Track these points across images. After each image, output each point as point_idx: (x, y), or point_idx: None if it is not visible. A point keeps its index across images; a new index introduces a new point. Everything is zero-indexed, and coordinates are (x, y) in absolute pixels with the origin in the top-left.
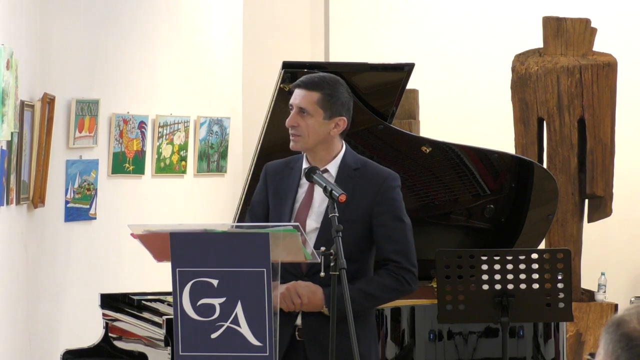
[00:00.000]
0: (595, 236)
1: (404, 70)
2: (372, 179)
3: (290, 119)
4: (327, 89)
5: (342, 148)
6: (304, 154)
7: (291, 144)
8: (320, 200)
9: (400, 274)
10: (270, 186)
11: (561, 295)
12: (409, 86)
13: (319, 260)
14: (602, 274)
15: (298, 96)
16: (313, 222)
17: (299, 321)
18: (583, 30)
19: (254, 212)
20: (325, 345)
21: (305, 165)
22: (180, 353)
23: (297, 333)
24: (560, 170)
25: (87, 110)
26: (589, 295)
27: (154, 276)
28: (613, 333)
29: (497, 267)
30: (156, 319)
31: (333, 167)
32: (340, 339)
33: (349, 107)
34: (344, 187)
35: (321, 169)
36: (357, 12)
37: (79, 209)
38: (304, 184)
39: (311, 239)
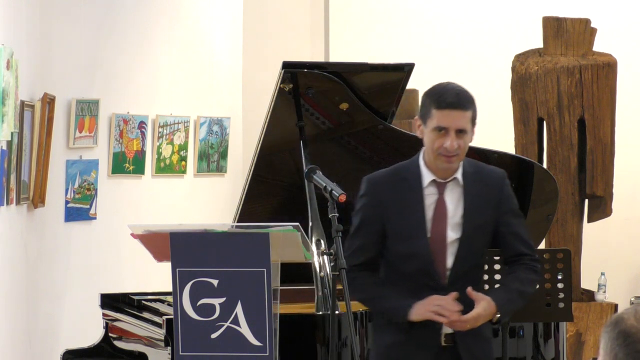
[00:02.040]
0: (595, 236)
1: (404, 70)
2: (490, 181)
3: (451, 144)
4: (474, 103)
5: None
6: (420, 163)
7: (445, 164)
8: (453, 209)
9: (535, 265)
10: (385, 199)
11: (561, 295)
12: (409, 86)
13: (318, 260)
14: (602, 274)
15: (456, 118)
16: (453, 232)
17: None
18: (583, 30)
19: (368, 230)
20: (478, 350)
21: (430, 177)
22: (180, 353)
23: (443, 339)
24: (560, 170)
25: (87, 110)
26: (589, 295)
27: (154, 276)
28: (611, 331)
29: (497, 267)
30: (156, 319)
31: (459, 174)
32: (478, 341)
33: None
34: (470, 192)
35: (450, 178)
36: (357, 12)
37: (79, 209)
38: (430, 194)
39: (453, 249)
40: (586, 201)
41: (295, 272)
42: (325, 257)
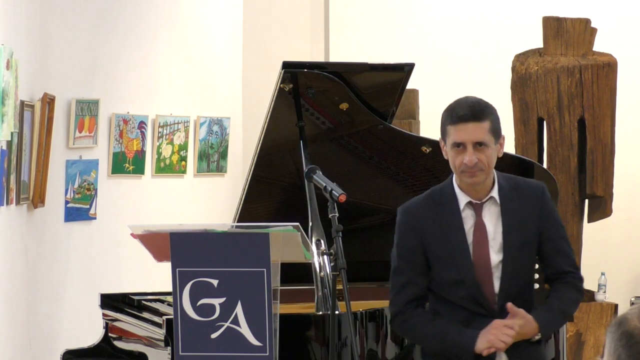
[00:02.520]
0: (595, 236)
1: (404, 70)
2: (530, 196)
3: (470, 159)
4: (492, 113)
5: (493, 170)
6: (454, 185)
7: (468, 180)
8: (494, 230)
9: (578, 284)
10: (423, 228)
11: None
12: (409, 86)
13: (318, 260)
14: (602, 274)
15: (471, 131)
16: (495, 255)
17: None
18: (583, 30)
19: (411, 263)
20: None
21: (465, 200)
22: (180, 353)
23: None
24: (560, 170)
25: (87, 110)
26: (589, 295)
27: (154, 276)
28: (615, 332)
29: (535, 285)
30: (156, 319)
31: (495, 193)
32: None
33: None
34: (509, 211)
35: (486, 198)
36: (357, 12)
37: (79, 209)
38: (467, 217)
39: (498, 272)
40: (586, 201)
41: (295, 272)
42: (325, 257)
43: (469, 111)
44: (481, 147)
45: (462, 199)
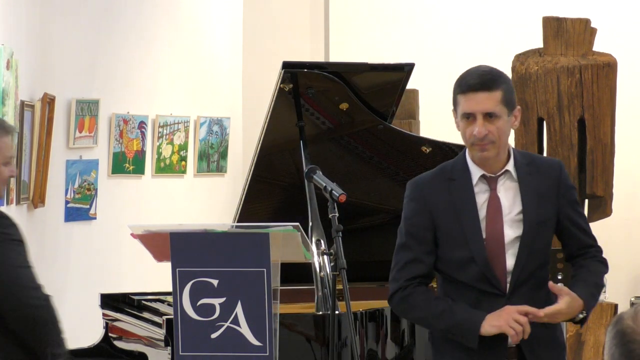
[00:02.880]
0: (595, 236)
1: (404, 70)
2: (548, 172)
3: (479, 130)
4: (504, 83)
5: (508, 144)
6: (467, 158)
7: (479, 154)
8: (509, 205)
9: (601, 257)
10: (433, 203)
11: None
12: (409, 86)
13: (318, 260)
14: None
15: (481, 101)
16: (510, 230)
17: None
18: (583, 30)
19: (418, 240)
20: (544, 355)
21: (478, 173)
22: (180, 353)
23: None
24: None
25: (87, 110)
26: None
27: (154, 276)
28: (611, 331)
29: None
30: (156, 319)
31: (511, 167)
32: (548, 350)
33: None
34: (527, 186)
35: (501, 171)
36: (357, 12)
37: (79, 209)
38: (481, 192)
39: (513, 249)
40: (586, 201)
41: (295, 272)
42: (325, 257)
43: (479, 80)
44: (492, 118)
45: (475, 172)
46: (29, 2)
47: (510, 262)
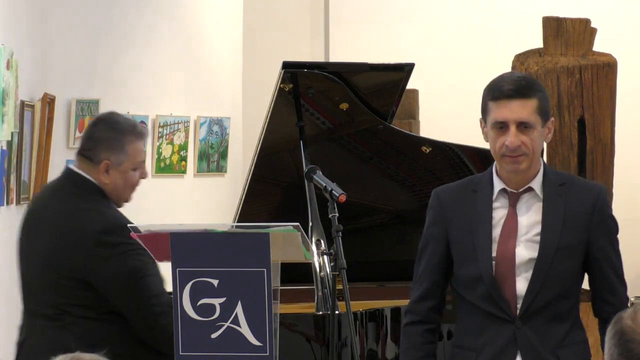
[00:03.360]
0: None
1: (404, 70)
2: (584, 195)
3: (512, 140)
4: (540, 91)
5: (541, 159)
6: (493, 171)
7: (510, 166)
8: (528, 225)
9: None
10: (451, 215)
11: None
12: (409, 86)
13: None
14: None
15: (516, 109)
16: (525, 251)
17: None
18: (583, 30)
19: (431, 251)
20: (542, 356)
21: (499, 186)
22: (180, 353)
23: None
24: (560, 170)
25: (87, 110)
26: (589, 295)
27: None
28: (610, 330)
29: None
30: None
31: (537, 184)
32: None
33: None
34: (553, 207)
35: (524, 188)
36: (357, 12)
37: None
38: (500, 207)
39: (526, 272)
40: None
41: (296, 272)
42: (325, 257)
43: (514, 86)
44: (526, 128)
45: (498, 185)
46: (29, 2)
47: (521, 285)
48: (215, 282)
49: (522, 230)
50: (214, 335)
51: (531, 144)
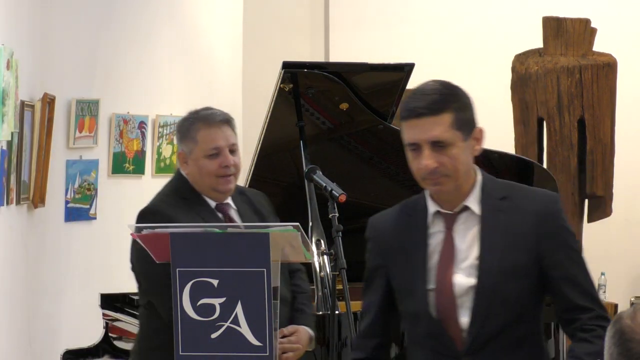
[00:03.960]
0: (595, 236)
1: (404, 70)
2: (529, 207)
3: (426, 163)
4: (455, 102)
5: (477, 172)
6: (427, 194)
7: (432, 188)
8: (467, 248)
9: (598, 326)
10: (388, 245)
11: None
12: (409, 86)
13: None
14: (602, 274)
15: (426, 127)
16: (464, 279)
17: None
18: (583, 30)
19: (373, 286)
20: None
21: (434, 208)
22: (180, 353)
23: None
24: (560, 170)
25: (87, 110)
26: None
27: None
28: (610, 330)
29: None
30: None
31: (473, 201)
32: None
33: (473, 107)
34: (492, 226)
35: (460, 207)
36: (357, 12)
37: (79, 209)
38: (437, 232)
39: (467, 304)
40: (586, 201)
41: None
42: (325, 257)
43: (422, 102)
44: (442, 147)
45: (432, 208)
46: (29, 2)
47: (465, 317)
48: (215, 282)
49: (460, 256)
50: (214, 335)
51: (451, 162)
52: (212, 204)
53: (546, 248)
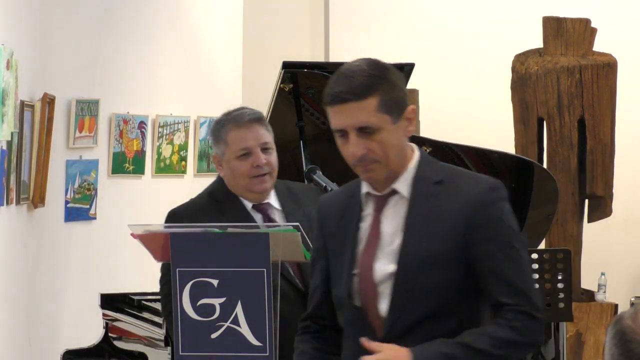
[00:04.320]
0: (595, 236)
1: (404, 70)
2: (463, 194)
3: (353, 150)
4: (381, 83)
5: (414, 153)
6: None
7: (365, 176)
8: (392, 232)
9: (518, 320)
10: (329, 229)
11: (561, 295)
12: (409, 86)
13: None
14: (602, 274)
15: (351, 113)
16: (385, 265)
17: None
18: (583, 30)
19: (315, 269)
20: None
21: (365, 189)
22: (180, 353)
23: None
24: (560, 170)
25: (87, 110)
26: (589, 295)
27: (154, 276)
28: (611, 330)
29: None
30: (156, 319)
31: (403, 184)
32: None
33: (405, 85)
34: (420, 210)
35: (387, 191)
36: (357, 12)
37: (79, 209)
38: (367, 215)
39: (386, 288)
40: (586, 201)
41: None
42: None
43: (345, 87)
44: (370, 133)
45: (364, 189)
46: (29, 2)
47: (384, 305)
48: (215, 282)
49: (385, 240)
50: (214, 335)
51: (381, 148)
52: (249, 205)
53: (473, 239)
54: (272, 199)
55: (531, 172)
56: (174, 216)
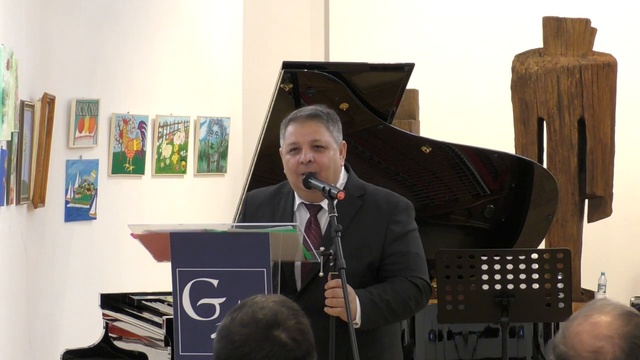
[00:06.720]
0: (595, 236)
1: (404, 70)
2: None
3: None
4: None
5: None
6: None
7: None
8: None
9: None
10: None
11: (561, 295)
12: (409, 86)
13: (319, 260)
14: (602, 274)
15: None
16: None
17: None
18: (583, 30)
19: None
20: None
21: (298, 201)
22: (180, 353)
23: None
24: (560, 170)
25: (87, 110)
26: (589, 295)
27: (154, 276)
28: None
29: (497, 267)
30: (156, 319)
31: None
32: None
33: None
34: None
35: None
36: (357, 12)
37: (79, 209)
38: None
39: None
40: (586, 201)
41: None
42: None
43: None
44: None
45: (299, 202)
46: (29, 2)
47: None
48: (215, 282)
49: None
50: (214, 335)
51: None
52: (298, 202)
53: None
54: (325, 202)
55: (531, 172)
56: (247, 196)
